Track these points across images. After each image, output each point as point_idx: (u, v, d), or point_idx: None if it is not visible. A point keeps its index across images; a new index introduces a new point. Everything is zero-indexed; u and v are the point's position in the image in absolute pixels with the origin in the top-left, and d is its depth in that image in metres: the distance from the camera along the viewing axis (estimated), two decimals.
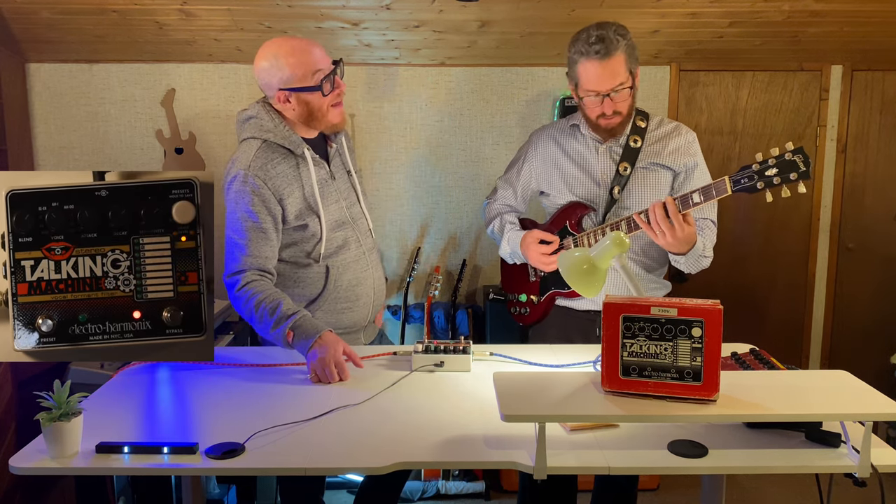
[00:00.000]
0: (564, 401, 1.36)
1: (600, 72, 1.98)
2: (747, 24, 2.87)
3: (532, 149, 2.25)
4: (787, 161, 1.77)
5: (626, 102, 2.02)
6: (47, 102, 3.22)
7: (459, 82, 3.26)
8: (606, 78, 1.98)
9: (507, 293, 2.37)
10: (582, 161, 2.16)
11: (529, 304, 2.27)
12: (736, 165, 3.38)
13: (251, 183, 1.84)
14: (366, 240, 2.06)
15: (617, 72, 1.98)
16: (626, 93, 2.00)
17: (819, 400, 1.36)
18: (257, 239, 1.86)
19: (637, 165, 2.11)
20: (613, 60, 1.97)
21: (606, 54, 1.95)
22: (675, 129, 2.16)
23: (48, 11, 2.73)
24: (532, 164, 2.24)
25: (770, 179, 1.78)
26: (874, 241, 3.47)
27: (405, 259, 3.40)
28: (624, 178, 2.10)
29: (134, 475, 2.43)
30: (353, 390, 1.69)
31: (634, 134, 2.12)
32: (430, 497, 2.96)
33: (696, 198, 1.88)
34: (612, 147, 2.13)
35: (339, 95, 1.92)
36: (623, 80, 1.99)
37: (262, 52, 1.88)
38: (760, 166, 1.80)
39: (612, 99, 2.00)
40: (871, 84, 3.35)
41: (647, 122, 2.15)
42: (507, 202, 2.31)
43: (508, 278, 2.37)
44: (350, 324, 2.03)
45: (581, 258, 1.67)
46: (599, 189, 2.13)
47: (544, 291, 2.23)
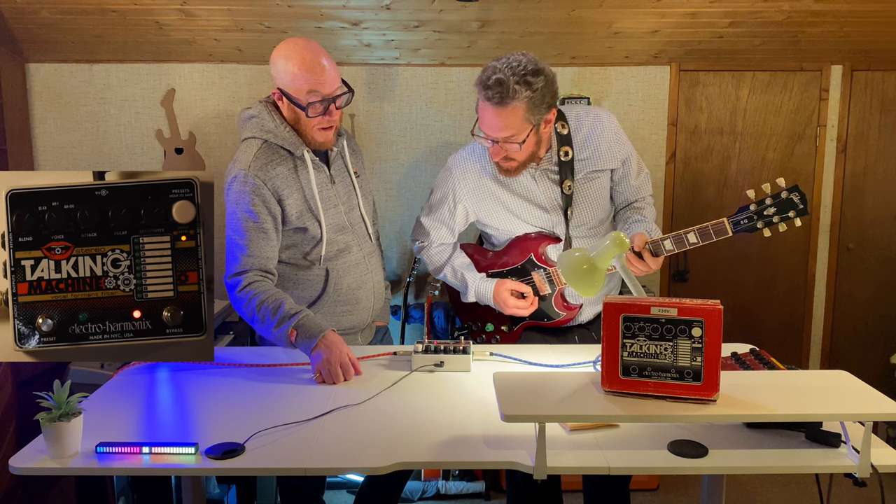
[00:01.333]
0: (564, 401, 1.36)
1: (492, 119, 1.84)
2: (747, 24, 2.87)
3: (461, 185, 2.09)
4: (784, 200, 1.78)
5: (522, 151, 1.90)
6: (47, 102, 3.22)
7: (459, 82, 3.26)
8: (497, 127, 1.84)
9: (470, 323, 2.25)
10: (523, 191, 2.05)
11: (500, 333, 2.19)
12: (736, 165, 3.39)
13: (251, 183, 1.84)
14: (365, 244, 2.06)
15: (509, 124, 1.83)
16: (517, 145, 1.87)
17: (819, 400, 1.36)
18: (258, 239, 1.86)
19: (577, 179, 2.02)
20: (507, 111, 1.81)
21: (500, 102, 1.80)
22: (594, 122, 2.03)
23: (48, 11, 2.73)
24: (467, 202, 2.10)
25: (769, 219, 1.80)
26: (874, 241, 3.46)
27: (405, 259, 3.40)
28: (570, 196, 2.02)
29: (134, 475, 2.43)
30: (353, 390, 1.69)
31: (563, 145, 2.00)
32: (430, 497, 2.96)
33: (692, 238, 1.86)
34: (547, 168, 2.01)
35: (329, 123, 1.89)
36: (515, 133, 1.85)
37: (283, 47, 1.87)
38: (758, 206, 1.80)
39: (503, 147, 1.89)
40: (871, 84, 3.35)
41: (567, 124, 2.01)
42: (444, 241, 2.18)
43: (465, 309, 2.23)
44: (350, 326, 2.03)
45: (581, 258, 1.67)
46: (550, 215, 2.05)
47: (517, 321, 2.16)
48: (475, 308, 2.21)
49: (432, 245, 2.19)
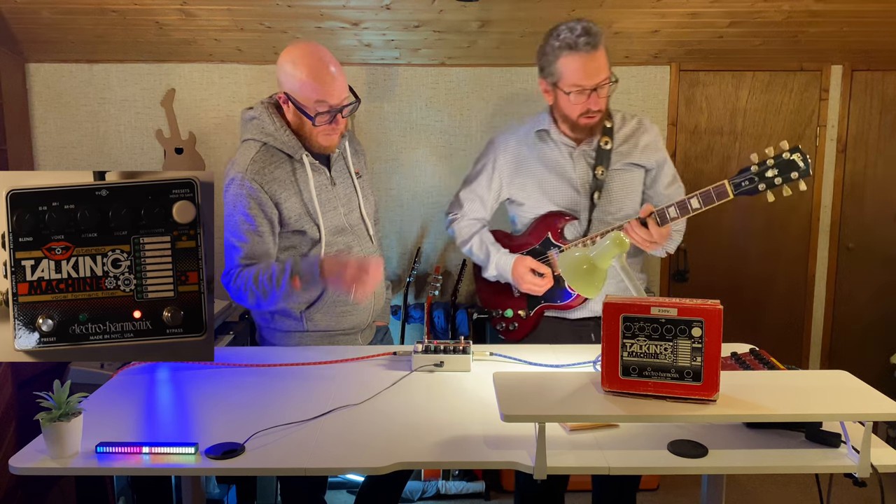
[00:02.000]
0: (564, 401, 1.36)
1: (588, 65, 1.93)
2: (747, 24, 2.87)
3: (501, 157, 2.17)
4: (786, 161, 1.76)
5: (604, 102, 2.00)
6: (47, 102, 3.22)
7: (459, 82, 3.26)
8: (593, 72, 1.93)
9: (490, 309, 2.30)
10: (558, 168, 2.10)
11: (517, 319, 2.22)
12: (736, 166, 3.38)
13: (248, 187, 1.84)
14: (366, 245, 2.06)
15: (602, 66, 1.95)
16: (608, 89, 1.98)
17: (819, 400, 1.36)
18: (254, 242, 1.87)
19: (612, 167, 2.07)
20: (599, 54, 1.94)
21: (594, 47, 1.91)
22: (639, 124, 2.13)
23: (48, 11, 2.73)
24: (503, 174, 2.16)
25: (771, 180, 1.78)
26: (874, 241, 3.46)
27: (405, 259, 3.40)
28: (602, 181, 2.06)
29: (134, 475, 2.43)
30: (353, 390, 1.69)
31: (603, 135, 2.07)
32: (430, 497, 2.96)
33: (694, 203, 1.87)
34: (586, 151, 2.08)
35: (335, 130, 1.90)
36: (607, 75, 1.97)
37: (291, 52, 1.85)
38: (759, 168, 1.79)
39: (598, 94, 1.96)
40: (871, 84, 3.35)
41: (612, 120, 2.11)
42: (477, 216, 2.23)
43: (489, 294, 2.30)
44: (350, 326, 2.03)
45: (581, 258, 1.67)
46: (580, 196, 2.09)
47: (533, 305, 2.18)
48: (497, 294, 2.25)
49: (464, 218, 2.25)
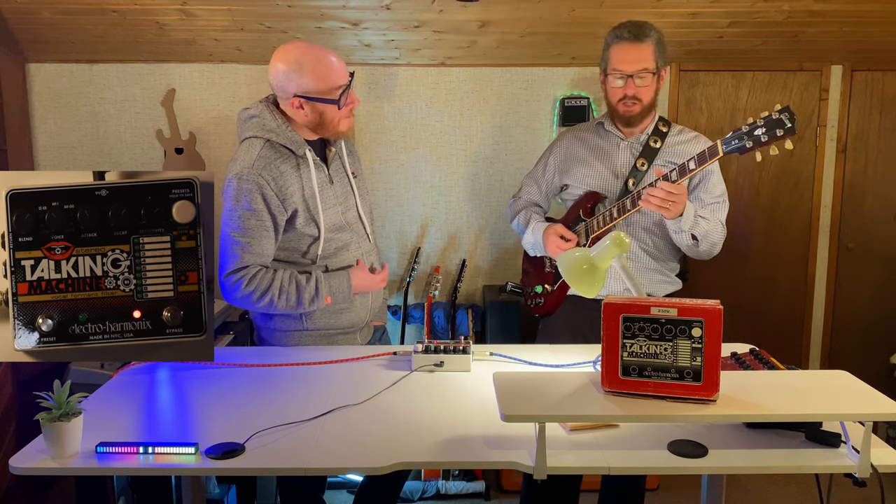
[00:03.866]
0: (564, 401, 1.36)
1: (628, 53, 2.08)
2: (747, 24, 2.87)
3: (557, 145, 2.35)
4: (773, 119, 1.84)
5: (647, 89, 2.11)
6: (47, 102, 3.22)
7: (459, 82, 3.26)
8: (632, 59, 2.08)
9: (526, 287, 2.45)
10: (602, 154, 2.24)
11: (544, 295, 2.35)
12: (736, 166, 3.39)
13: (254, 181, 1.84)
14: (363, 243, 2.06)
15: (643, 57, 2.08)
16: (648, 78, 2.09)
17: (819, 400, 1.36)
18: (259, 237, 1.86)
19: (655, 163, 2.17)
20: (642, 46, 2.08)
21: (636, 38, 2.07)
22: (695, 137, 2.23)
23: (48, 11, 2.73)
24: (556, 159, 2.34)
25: (758, 138, 1.85)
26: (874, 241, 3.47)
27: (405, 259, 3.40)
28: (641, 172, 2.17)
29: (134, 475, 2.43)
30: (353, 390, 1.69)
31: (655, 136, 2.20)
32: (430, 497, 2.96)
33: (691, 165, 1.96)
34: (633, 144, 2.21)
35: (351, 112, 1.98)
36: (647, 66, 2.08)
37: (283, 55, 1.85)
38: (749, 127, 1.88)
39: (635, 82, 2.09)
40: (871, 84, 3.35)
41: (669, 128, 2.23)
42: (532, 198, 2.40)
43: (528, 271, 2.46)
44: (348, 325, 2.03)
45: (581, 258, 1.67)
46: (617, 181, 2.20)
47: (557, 279, 2.30)
48: (532, 271, 2.41)
49: (521, 199, 2.43)
